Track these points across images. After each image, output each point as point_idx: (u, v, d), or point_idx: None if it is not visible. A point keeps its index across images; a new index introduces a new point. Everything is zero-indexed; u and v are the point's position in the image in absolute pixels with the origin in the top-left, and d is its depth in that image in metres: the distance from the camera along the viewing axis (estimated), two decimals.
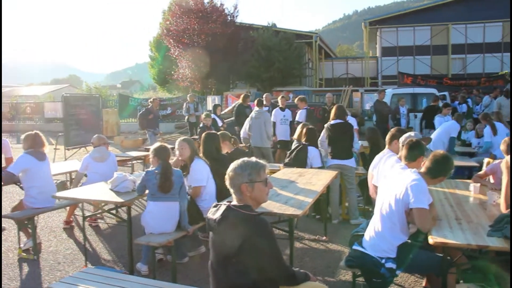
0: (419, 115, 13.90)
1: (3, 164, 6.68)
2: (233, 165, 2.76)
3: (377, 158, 5.12)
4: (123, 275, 3.90)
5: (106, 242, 6.02)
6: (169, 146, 4.98)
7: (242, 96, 12.25)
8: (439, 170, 3.52)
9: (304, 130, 6.90)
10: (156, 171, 4.65)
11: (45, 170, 5.78)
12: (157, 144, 4.95)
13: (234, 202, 2.71)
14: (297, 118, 10.10)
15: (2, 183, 5.74)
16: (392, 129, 5.17)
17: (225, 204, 2.68)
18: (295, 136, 7.13)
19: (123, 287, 3.36)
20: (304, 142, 6.82)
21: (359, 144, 7.97)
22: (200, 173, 5.15)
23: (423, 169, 3.59)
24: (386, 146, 5.11)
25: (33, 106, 27.48)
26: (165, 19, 29.47)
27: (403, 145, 4.28)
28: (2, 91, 52.71)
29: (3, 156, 6.57)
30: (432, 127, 10.91)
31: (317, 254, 5.43)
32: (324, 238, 5.98)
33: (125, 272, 4.72)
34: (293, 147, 6.99)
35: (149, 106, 13.11)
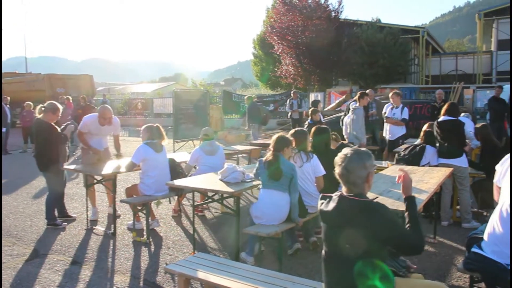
0: None
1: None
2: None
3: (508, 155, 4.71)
4: (232, 262, 4.02)
5: (212, 231, 6.24)
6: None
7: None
8: None
9: (422, 132, 6.74)
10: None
11: (161, 161, 6.10)
12: (277, 135, 5.03)
13: (344, 192, 2.67)
14: (402, 115, 9.79)
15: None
16: None
17: (336, 195, 2.64)
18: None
19: (233, 273, 3.46)
20: (422, 142, 6.64)
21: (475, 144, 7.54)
22: None
23: None
24: None
25: (143, 102, 29.40)
26: (269, 17, 29.91)
27: None
28: (116, 88, 56.96)
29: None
30: None
31: (426, 256, 5.17)
32: (433, 240, 5.70)
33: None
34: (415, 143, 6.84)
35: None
